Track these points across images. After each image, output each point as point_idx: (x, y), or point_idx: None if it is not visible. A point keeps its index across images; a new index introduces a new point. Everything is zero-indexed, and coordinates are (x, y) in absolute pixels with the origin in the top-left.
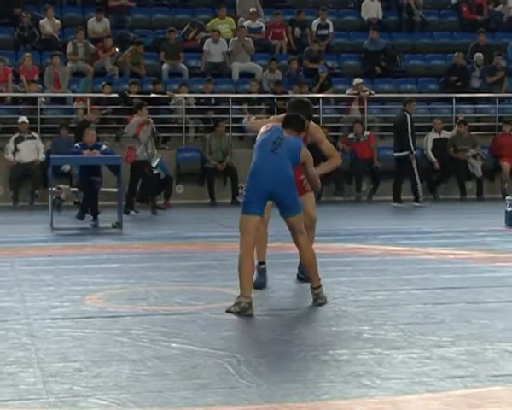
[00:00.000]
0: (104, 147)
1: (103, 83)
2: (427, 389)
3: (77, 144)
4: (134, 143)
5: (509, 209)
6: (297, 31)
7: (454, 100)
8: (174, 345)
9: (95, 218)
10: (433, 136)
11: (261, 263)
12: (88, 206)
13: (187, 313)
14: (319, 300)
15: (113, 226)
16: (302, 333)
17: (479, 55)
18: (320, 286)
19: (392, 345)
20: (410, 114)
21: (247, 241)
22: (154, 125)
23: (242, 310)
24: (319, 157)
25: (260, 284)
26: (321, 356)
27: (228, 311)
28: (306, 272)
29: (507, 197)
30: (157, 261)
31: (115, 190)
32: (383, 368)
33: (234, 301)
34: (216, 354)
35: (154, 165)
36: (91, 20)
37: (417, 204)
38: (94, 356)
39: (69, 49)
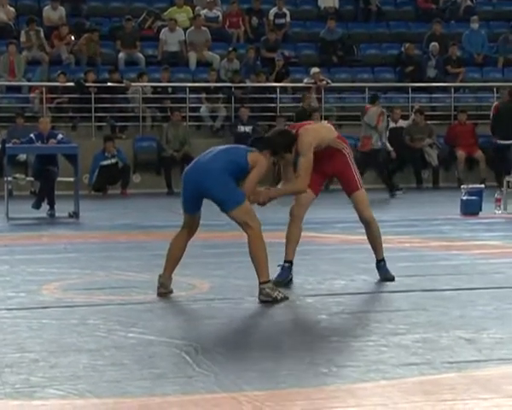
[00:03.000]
0: (60, 136)
1: (59, 72)
2: (383, 377)
3: (31, 135)
4: (370, 132)
5: (465, 198)
6: (254, 20)
7: (410, 89)
8: (131, 335)
9: (51, 207)
10: (389, 125)
11: (286, 262)
12: (44, 195)
13: (144, 302)
14: (261, 296)
15: (70, 216)
16: (260, 322)
17: (434, 45)
18: (266, 282)
19: (349, 333)
20: None
21: (181, 231)
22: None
23: (160, 285)
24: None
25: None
26: (278, 345)
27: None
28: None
29: (462, 186)
30: (114, 251)
31: (72, 179)
32: (340, 356)
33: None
34: (173, 343)
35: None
36: (47, 8)
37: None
38: (50, 346)
39: (23, 37)
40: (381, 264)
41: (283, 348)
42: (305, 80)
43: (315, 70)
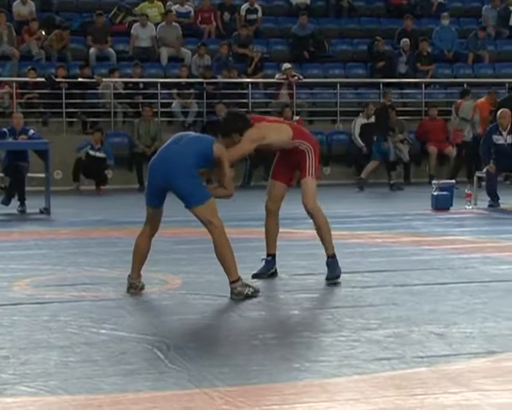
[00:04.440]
0: (32, 132)
1: (29, 67)
2: (355, 372)
3: (5, 128)
4: (463, 125)
5: (436, 193)
6: (226, 15)
7: (381, 85)
8: (103, 331)
9: (22, 203)
10: (361, 121)
11: (269, 255)
12: (14, 191)
13: (115, 298)
14: (233, 295)
15: (41, 212)
16: (231, 317)
17: (405, 41)
18: (237, 280)
19: (320, 328)
20: None
21: (144, 228)
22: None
23: (130, 286)
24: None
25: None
26: (250, 340)
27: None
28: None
29: (433, 181)
30: (85, 247)
31: (43, 175)
32: (312, 351)
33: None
34: (145, 339)
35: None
36: (16, 2)
37: None
38: (21, 343)
39: None
40: (328, 260)
41: (255, 344)
42: (277, 76)
43: (286, 66)
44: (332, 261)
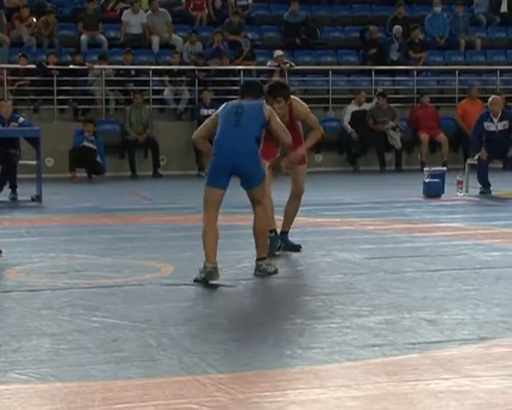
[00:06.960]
0: (22, 119)
1: (20, 54)
2: (347, 358)
3: None
4: None
5: (427, 180)
6: (217, 2)
7: (373, 72)
8: (95, 318)
9: (13, 191)
10: (352, 108)
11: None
12: (6, 179)
13: (107, 286)
14: (257, 271)
15: (33, 199)
16: (223, 305)
17: (397, 28)
18: (264, 258)
19: (312, 315)
20: None
21: (210, 214)
22: None
23: (207, 275)
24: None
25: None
26: (242, 327)
27: (195, 280)
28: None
29: (425, 168)
30: (77, 234)
31: (34, 162)
32: (304, 338)
33: (199, 270)
34: (137, 326)
35: None
36: None
37: None
38: (13, 330)
39: None
40: (286, 236)
41: (247, 331)
42: (269, 63)
43: (278, 53)
44: (286, 236)
